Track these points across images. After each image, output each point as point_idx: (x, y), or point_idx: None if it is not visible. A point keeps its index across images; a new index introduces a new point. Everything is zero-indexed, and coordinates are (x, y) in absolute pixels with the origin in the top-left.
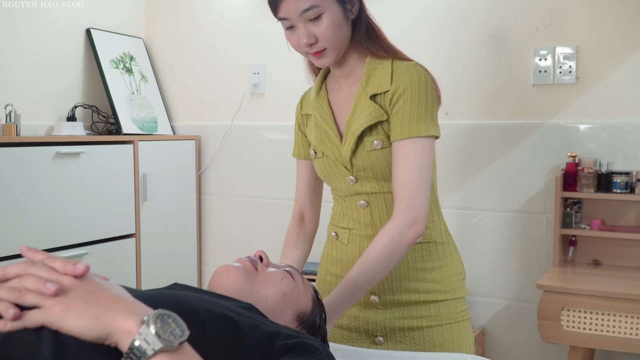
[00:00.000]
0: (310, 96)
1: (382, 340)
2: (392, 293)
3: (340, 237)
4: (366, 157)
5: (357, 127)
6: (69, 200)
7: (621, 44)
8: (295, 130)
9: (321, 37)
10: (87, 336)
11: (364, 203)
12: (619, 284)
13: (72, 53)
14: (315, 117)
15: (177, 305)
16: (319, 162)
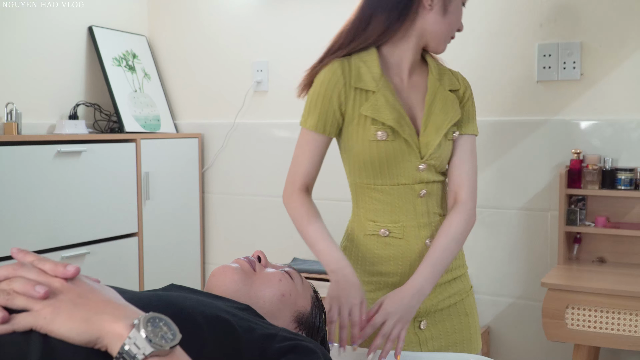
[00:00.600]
0: (357, 70)
1: (425, 324)
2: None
3: (393, 232)
4: (445, 147)
5: (449, 119)
6: (70, 199)
7: (625, 40)
8: (322, 101)
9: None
10: (77, 340)
11: (425, 192)
12: (624, 282)
13: (74, 51)
14: (384, 96)
15: (170, 307)
16: (387, 145)
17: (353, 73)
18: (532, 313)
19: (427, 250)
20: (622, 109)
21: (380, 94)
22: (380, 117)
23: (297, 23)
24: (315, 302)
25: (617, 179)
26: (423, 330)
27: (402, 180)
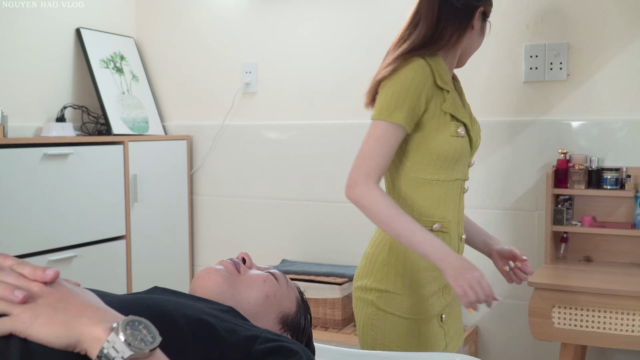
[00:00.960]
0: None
1: (445, 317)
2: None
3: (444, 226)
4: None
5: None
6: (57, 202)
7: (611, 40)
8: (410, 94)
9: None
10: (56, 344)
11: (467, 187)
12: (610, 281)
13: (62, 53)
14: (455, 99)
15: (151, 310)
16: (464, 140)
17: (437, 73)
18: (520, 312)
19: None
20: (608, 109)
21: (453, 93)
22: (458, 115)
23: (285, 25)
24: (300, 303)
25: (603, 179)
26: (444, 322)
27: (458, 175)
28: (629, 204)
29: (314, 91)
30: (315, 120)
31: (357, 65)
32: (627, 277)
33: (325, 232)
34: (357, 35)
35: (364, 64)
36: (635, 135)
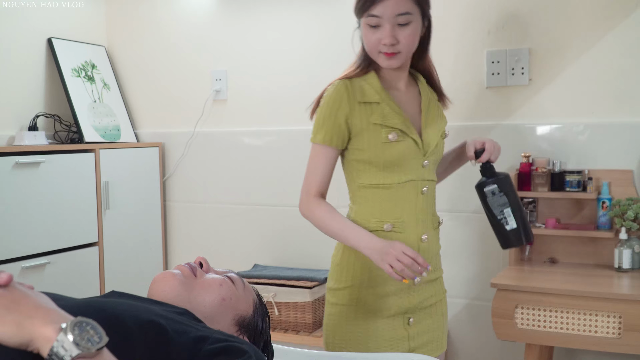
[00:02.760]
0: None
1: (413, 320)
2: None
3: (396, 227)
4: (441, 146)
5: (443, 121)
6: (29, 210)
7: (571, 45)
8: (330, 118)
9: (402, 41)
10: (9, 343)
11: (425, 190)
12: (572, 281)
13: (34, 62)
14: (388, 105)
15: (101, 313)
16: (399, 144)
17: (357, 90)
18: (486, 314)
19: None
20: (569, 113)
21: (384, 104)
22: (388, 123)
23: (254, 33)
24: (257, 305)
25: (565, 181)
26: (411, 326)
27: (410, 177)
28: (592, 205)
29: (283, 97)
30: (285, 127)
31: (326, 71)
32: (591, 278)
33: (296, 236)
34: (325, 41)
35: (333, 69)
36: (597, 138)
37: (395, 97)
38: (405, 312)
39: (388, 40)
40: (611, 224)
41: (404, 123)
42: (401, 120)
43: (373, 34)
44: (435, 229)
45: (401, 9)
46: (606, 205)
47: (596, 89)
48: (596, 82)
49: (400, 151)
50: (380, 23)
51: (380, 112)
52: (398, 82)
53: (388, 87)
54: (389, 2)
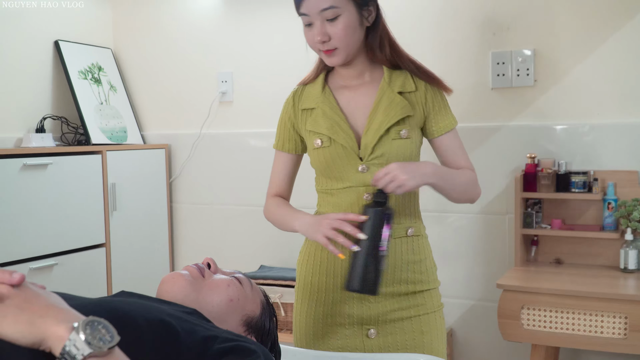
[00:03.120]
0: (307, 92)
1: (374, 333)
2: (386, 285)
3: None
4: (388, 146)
5: (388, 119)
6: (37, 211)
7: (576, 47)
8: (281, 125)
9: (334, 36)
10: (22, 341)
11: (367, 196)
12: (578, 282)
13: (41, 65)
14: (322, 109)
15: (113, 312)
16: (325, 150)
17: (303, 97)
18: (492, 314)
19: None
20: (574, 114)
21: (319, 109)
22: (316, 129)
23: (259, 35)
24: (265, 306)
25: (571, 182)
26: (371, 338)
27: (348, 183)
28: (597, 206)
29: None
30: None
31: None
32: (597, 279)
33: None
34: None
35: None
36: (602, 139)
37: (343, 98)
38: (362, 322)
39: (318, 37)
40: (617, 225)
41: (331, 128)
42: (328, 124)
43: (308, 32)
44: (397, 238)
45: (324, 4)
46: (612, 206)
47: (601, 90)
48: (601, 84)
49: (326, 157)
50: (311, 21)
51: (313, 118)
52: (351, 79)
53: (339, 87)
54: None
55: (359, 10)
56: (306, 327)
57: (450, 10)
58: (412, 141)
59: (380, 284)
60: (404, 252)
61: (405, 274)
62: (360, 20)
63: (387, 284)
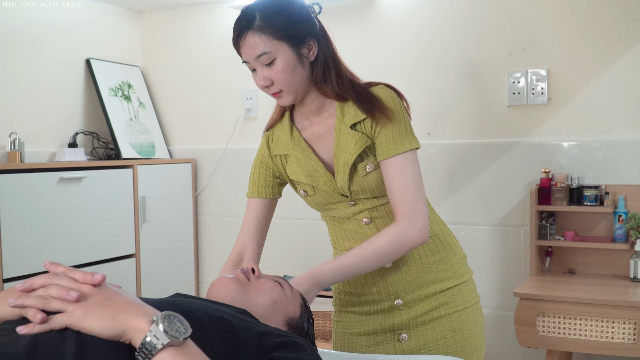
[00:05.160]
0: (277, 137)
1: (406, 337)
2: (414, 291)
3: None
4: (362, 182)
5: (348, 158)
6: (72, 222)
7: (589, 67)
8: (254, 171)
9: (275, 79)
10: (105, 335)
11: (367, 220)
12: (591, 291)
13: (73, 82)
14: (296, 157)
15: (179, 309)
16: (312, 198)
17: (274, 143)
18: (508, 322)
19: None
20: (587, 130)
21: (292, 155)
22: (296, 177)
23: None
24: (304, 308)
25: (583, 196)
26: (403, 343)
27: (343, 215)
28: (609, 219)
29: None
30: None
31: None
32: (608, 288)
33: (321, 248)
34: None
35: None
36: (613, 154)
37: (311, 136)
38: (394, 328)
39: (261, 82)
40: (627, 237)
41: (309, 175)
42: (306, 172)
43: (254, 77)
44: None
45: (257, 51)
46: (622, 218)
47: (612, 108)
48: (612, 102)
49: (316, 202)
50: (253, 67)
51: (290, 166)
52: (312, 115)
53: (305, 125)
54: (243, 49)
55: (295, 50)
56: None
57: (468, 31)
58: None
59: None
60: (422, 255)
61: (429, 275)
62: (299, 58)
63: (414, 290)
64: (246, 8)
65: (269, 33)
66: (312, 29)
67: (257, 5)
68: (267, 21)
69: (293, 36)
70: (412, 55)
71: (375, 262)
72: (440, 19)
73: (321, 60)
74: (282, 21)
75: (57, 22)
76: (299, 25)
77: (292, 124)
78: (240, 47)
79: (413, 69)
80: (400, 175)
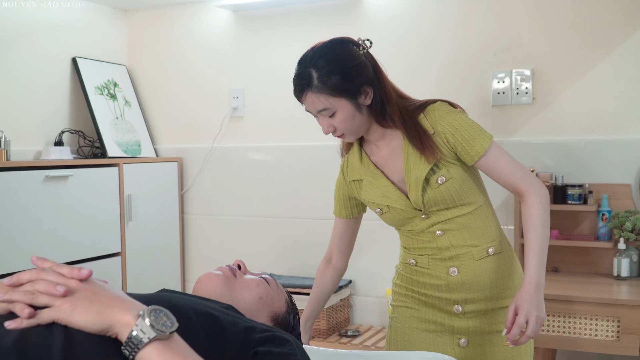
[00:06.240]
0: (351, 164)
1: (465, 342)
2: (474, 303)
3: (420, 262)
4: (435, 194)
5: (420, 174)
6: (58, 221)
7: (573, 67)
8: (337, 193)
9: (338, 127)
10: (92, 329)
11: (440, 232)
12: (575, 289)
13: (59, 81)
14: (368, 181)
15: (166, 304)
16: (387, 216)
17: (348, 170)
18: None
19: (529, 245)
20: (571, 130)
21: (365, 180)
22: (370, 199)
23: (270, 53)
24: (289, 304)
25: (567, 195)
26: (463, 347)
27: (417, 228)
28: (592, 217)
29: (297, 115)
30: (298, 142)
31: None
32: (591, 286)
33: (308, 247)
34: None
35: None
36: (597, 153)
37: (379, 160)
38: (453, 331)
39: (324, 130)
40: (610, 235)
41: (382, 196)
42: (379, 194)
43: (317, 120)
44: (479, 259)
45: (318, 107)
46: (606, 217)
47: (596, 108)
48: (596, 102)
49: (391, 219)
50: (315, 115)
51: (365, 190)
52: (377, 141)
53: (373, 150)
54: (305, 104)
55: (352, 101)
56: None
57: (453, 31)
58: (454, 179)
59: None
60: (488, 271)
61: (490, 291)
62: (357, 107)
63: (469, 302)
64: (303, 65)
65: (326, 93)
66: (367, 77)
67: (313, 62)
68: (324, 81)
69: (350, 90)
70: (397, 55)
71: (548, 230)
72: (425, 19)
73: (377, 102)
74: (339, 79)
75: (43, 21)
76: (354, 80)
77: (362, 149)
78: (302, 101)
79: (397, 69)
80: (500, 162)
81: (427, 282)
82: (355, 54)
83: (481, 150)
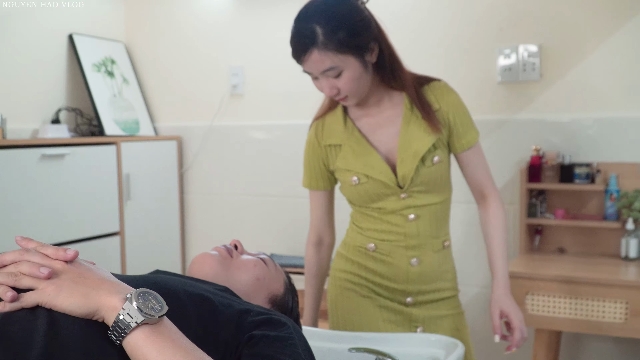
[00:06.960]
0: (329, 126)
1: (422, 330)
2: (423, 294)
3: (380, 248)
4: (426, 173)
5: (420, 147)
6: (55, 200)
7: (581, 42)
8: (309, 164)
9: (343, 89)
10: (77, 313)
11: (413, 216)
12: (581, 269)
13: (56, 58)
14: (350, 147)
15: (157, 286)
16: (363, 187)
17: (325, 133)
18: None
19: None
20: (578, 107)
21: (346, 146)
22: (348, 167)
23: (270, 28)
24: (288, 286)
25: (574, 174)
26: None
27: (389, 208)
28: (599, 197)
29: (297, 92)
30: (299, 120)
31: None
32: (598, 267)
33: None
34: None
35: None
36: (605, 132)
37: (367, 127)
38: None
39: (327, 91)
40: (618, 215)
41: (365, 165)
42: (361, 162)
43: (316, 84)
44: (438, 251)
45: (323, 66)
46: (614, 196)
47: (605, 85)
48: (605, 78)
49: (366, 192)
50: (316, 76)
51: (343, 156)
52: (370, 107)
53: (359, 116)
54: (307, 64)
55: (360, 59)
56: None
57: (458, 5)
58: (444, 163)
59: None
60: (439, 263)
61: (437, 283)
62: (365, 65)
63: (419, 294)
64: (304, 22)
65: (334, 49)
66: (372, 32)
67: (315, 18)
68: (331, 37)
69: (358, 47)
70: (402, 31)
71: (506, 235)
72: None
73: (385, 60)
74: (346, 34)
75: None
76: (361, 35)
77: (345, 113)
78: (303, 62)
79: (402, 45)
80: (479, 160)
81: (383, 271)
82: (359, 8)
83: (472, 141)
